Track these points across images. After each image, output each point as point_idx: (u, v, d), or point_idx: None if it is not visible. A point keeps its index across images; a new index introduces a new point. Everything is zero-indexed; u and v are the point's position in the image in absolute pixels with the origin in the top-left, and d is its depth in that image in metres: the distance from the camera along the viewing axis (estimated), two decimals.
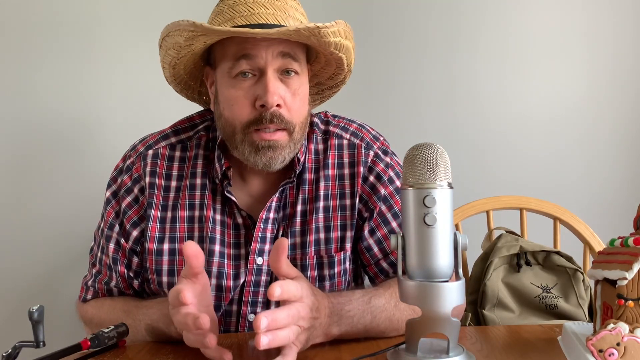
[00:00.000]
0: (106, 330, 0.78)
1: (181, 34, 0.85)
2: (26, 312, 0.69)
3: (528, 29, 1.62)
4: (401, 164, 0.97)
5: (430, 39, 1.61)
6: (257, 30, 0.81)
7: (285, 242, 0.71)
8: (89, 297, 1.01)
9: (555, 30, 1.62)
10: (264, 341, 0.65)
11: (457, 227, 1.34)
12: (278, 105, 0.86)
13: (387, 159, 0.99)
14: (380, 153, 0.99)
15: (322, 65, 0.99)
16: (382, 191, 0.97)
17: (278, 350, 0.70)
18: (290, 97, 0.88)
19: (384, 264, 0.97)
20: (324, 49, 0.89)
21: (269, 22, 0.85)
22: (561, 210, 1.33)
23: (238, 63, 0.86)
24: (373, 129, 1.03)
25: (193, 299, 0.72)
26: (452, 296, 0.66)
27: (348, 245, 0.96)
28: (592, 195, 1.63)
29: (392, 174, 0.98)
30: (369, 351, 0.74)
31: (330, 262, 0.95)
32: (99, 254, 1.01)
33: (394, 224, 0.97)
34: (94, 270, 1.01)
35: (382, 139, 1.02)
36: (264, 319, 0.65)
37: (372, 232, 0.97)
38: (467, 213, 1.34)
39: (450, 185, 0.68)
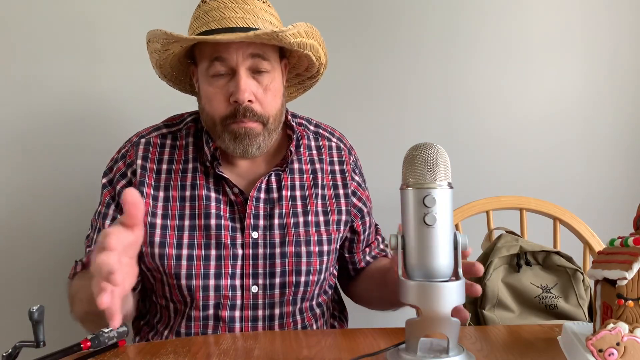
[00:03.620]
0: (106, 330, 0.78)
1: (158, 41, 0.96)
2: (26, 312, 0.69)
3: (528, 28, 1.62)
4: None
5: (430, 38, 1.61)
6: (219, 36, 0.91)
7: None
8: (78, 270, 1.03)
9: (553, 29, 1.62)
10: None
11: (457, 227, 1.34)
12: (250, 101, 0.96)
13: (359, 163, 1.20)
14: (356, 159, 1.19)
15: (296, 59, 1.09)
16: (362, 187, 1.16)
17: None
18: (262, 92, 0.98)
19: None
20: (289, 47, 0.98)
21: (238, 26, 0.95)
22: (561, 210, 1.33)
23: (213, 64, 0.96)
24: (348, 140, 1.20)
25: (118, 246, 0.67)
26: (452, 296, 0.66)
27: (343, 228, 1.10)
28: (592, 195, 1.63)
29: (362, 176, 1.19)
30: (369, 351, 0.74)
31: (328, 239, 1.06)
32: (94, 236, 1.05)
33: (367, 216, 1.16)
34: (87, 250, 1.05)
35: (354, 149, 1.20)
36: None
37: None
38: (467, 213, 1.34)
39: (450, 185, 0.68)
